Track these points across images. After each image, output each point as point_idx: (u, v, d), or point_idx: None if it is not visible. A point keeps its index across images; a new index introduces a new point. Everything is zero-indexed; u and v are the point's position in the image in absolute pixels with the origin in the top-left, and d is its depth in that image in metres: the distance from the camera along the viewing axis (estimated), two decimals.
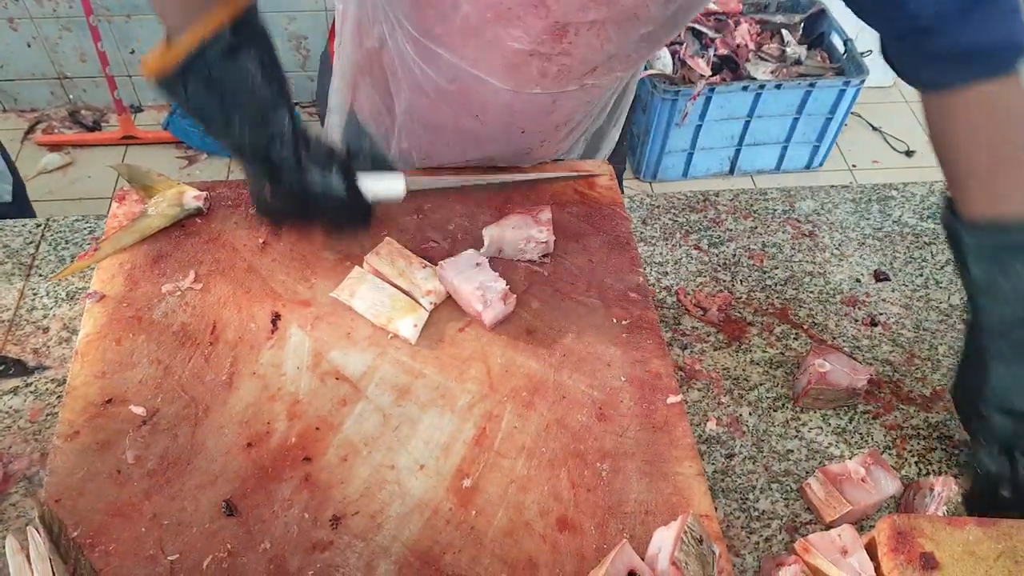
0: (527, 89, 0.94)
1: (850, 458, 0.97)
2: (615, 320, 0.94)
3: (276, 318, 0.91)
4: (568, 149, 1.15)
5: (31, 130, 2.81)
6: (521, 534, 0.77)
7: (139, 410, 0.83)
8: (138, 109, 2.90)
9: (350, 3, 1.06)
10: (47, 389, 0.98)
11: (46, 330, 1.03)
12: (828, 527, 0.91)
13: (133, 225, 0.99)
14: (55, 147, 2.74)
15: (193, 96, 0.79)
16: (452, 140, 1.06)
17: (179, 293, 0.93)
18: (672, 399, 0.87)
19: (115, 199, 1.03)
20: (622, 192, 1.12)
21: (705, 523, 0.78)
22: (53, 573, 0.69)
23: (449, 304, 0.94)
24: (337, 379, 0.87)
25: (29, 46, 2.69)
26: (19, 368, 1.00)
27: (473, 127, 1.02)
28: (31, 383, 0.98)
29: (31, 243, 1.15)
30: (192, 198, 1.00)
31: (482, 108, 0.98)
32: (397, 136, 1.11)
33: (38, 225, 1.17)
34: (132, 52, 2.74)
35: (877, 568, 0.82)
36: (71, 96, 2.86)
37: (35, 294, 1.08)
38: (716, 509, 0.80)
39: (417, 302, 0.92)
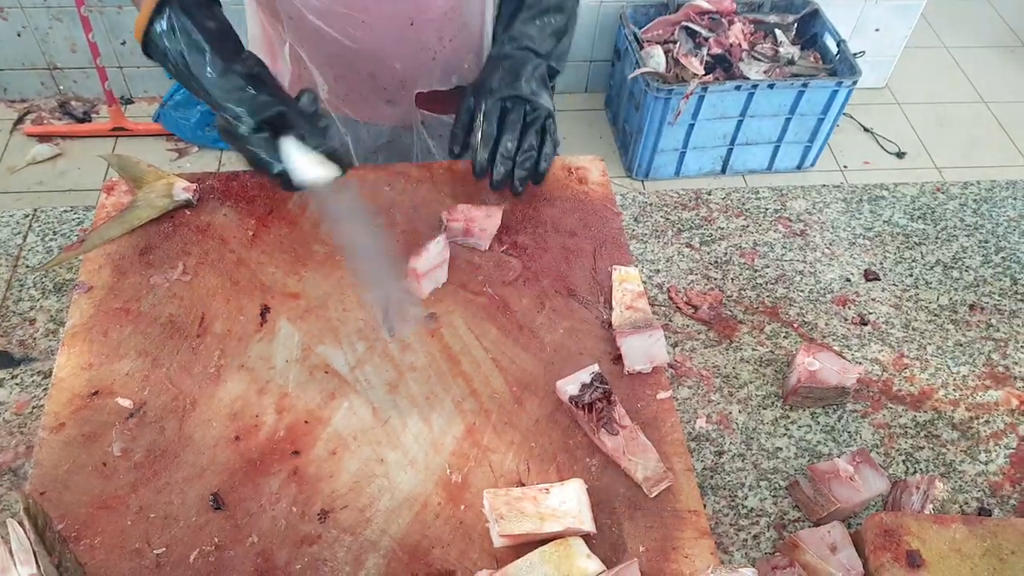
0: None
1: (839, 456, 0.97)
2: (606, 317, 0.94)
3: (265, 311, 0.91)
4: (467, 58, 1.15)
5: (20, 120, 2.79)
6: None
7: (126, 402, 0.82)
8: (128, 101, 2.88)
9: None
10: (33, 381, 0.97)
11: (33, 321, 1.03)
12: (816, 524, 0.91)
13: (121, 216, 0.98)
14: (45, 138, 2.72)
15: (164, 52, 0.82)
16: (347, 56, 1.07)
17: (167, 285, 0.92)
18: (662, 395, 0.87)
19: (104, 190, 1.02)
20: None
21: (694, 519, 0.78)
22: (37, 565, 0.69)
23: (440, 297, 0.94)
24: (326, 373, 0.86)
25: (19, 35, 2.67)
26: (5, 360, 0.99)
27: (362, 35, 1.03)
28: (17, 375, 0.98)
29: (18, 233, 1.14)
30: (182, 189, 1.00)
31: (364, 9, 1.00)
32: (295, 68, 1.12)
33: (26, 216, 1.16)
34: (123, 43, 2.72)
35: (865, 564, 0.82)
36: (61, 87, 2.84)
37: (22, 285, 1.07)
38: (705, 506, 0.80)
39: None
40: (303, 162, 0.84)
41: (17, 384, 0.97)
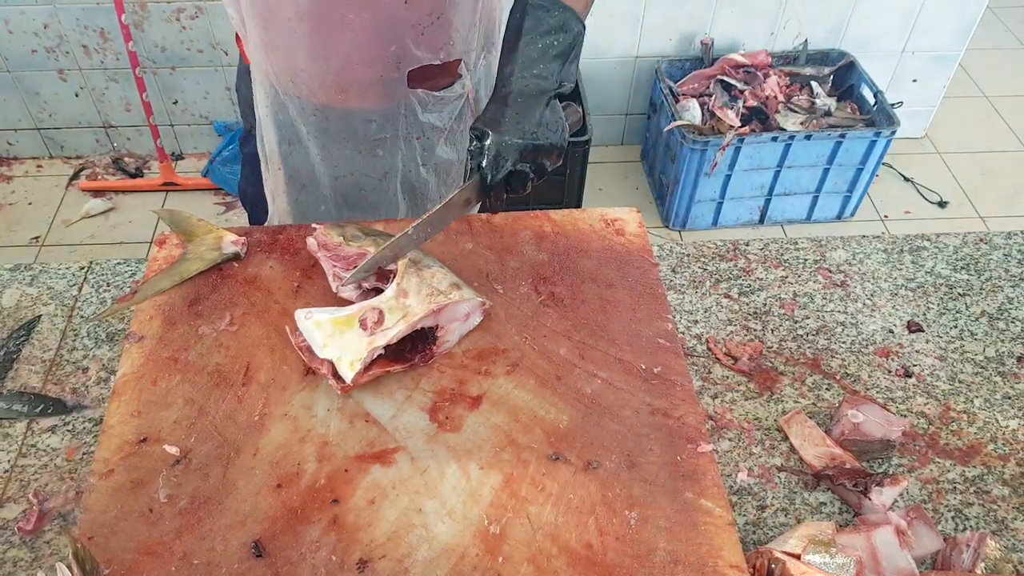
0: None
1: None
2: (644, 367, 0.94)
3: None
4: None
5: (76, 176, 2.90)
6: None
7: (173, 449, 0.84)
8: (179, 157, 2.99)
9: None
10: (84, 428, 1.00)
11: (85, 370, 1.06)
12: None
13: (172, 268, 1.02)
14: (98, 193, 2.82)
15: None
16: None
17: (214, 335, 0.95)
18: (703, 448, 0.87)
19: (155, 243, 1.06)
20: None
21: (735, 575, 0.77)
22: None
23: (478, 347, 0.95)
24: (367, 422, 0.87)
25: (77, 96, 2.80)
26: (58, 407, 1.02)
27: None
28: (69, 422, 1.00)
29: (74, 285, 1.18)
30: (230, 243, 1.03)
31: None
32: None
33: (81, 268, 1.21)
34: (175, 103, 2.84)
35: None
36: (115, 144, 2.96)
37: (76, 335, 1.10)
38: (747, 561, 0.78)
39: None
40: None
41: (69, 431, 0.99)
